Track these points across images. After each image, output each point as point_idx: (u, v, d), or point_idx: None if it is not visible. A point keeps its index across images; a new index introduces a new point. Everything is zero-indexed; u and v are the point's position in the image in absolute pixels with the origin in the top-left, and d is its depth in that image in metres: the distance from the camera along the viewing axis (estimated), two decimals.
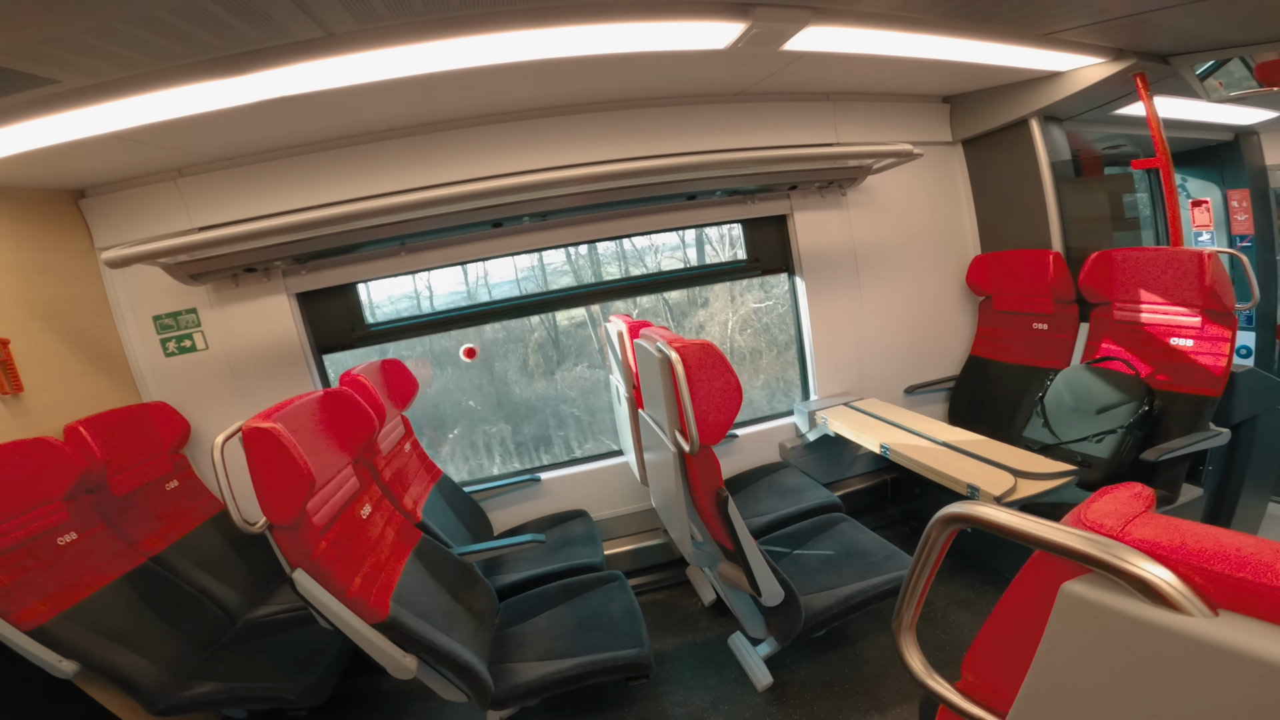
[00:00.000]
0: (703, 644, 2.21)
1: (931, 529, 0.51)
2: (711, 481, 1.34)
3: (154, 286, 2.05)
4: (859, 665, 2.00)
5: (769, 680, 1.89)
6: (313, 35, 1.26)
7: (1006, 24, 1.74)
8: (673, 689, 2.02)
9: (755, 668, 1.93)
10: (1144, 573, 0.34)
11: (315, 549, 1.34)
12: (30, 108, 1.28)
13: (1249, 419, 2.02)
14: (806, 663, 2.02)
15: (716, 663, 2.11)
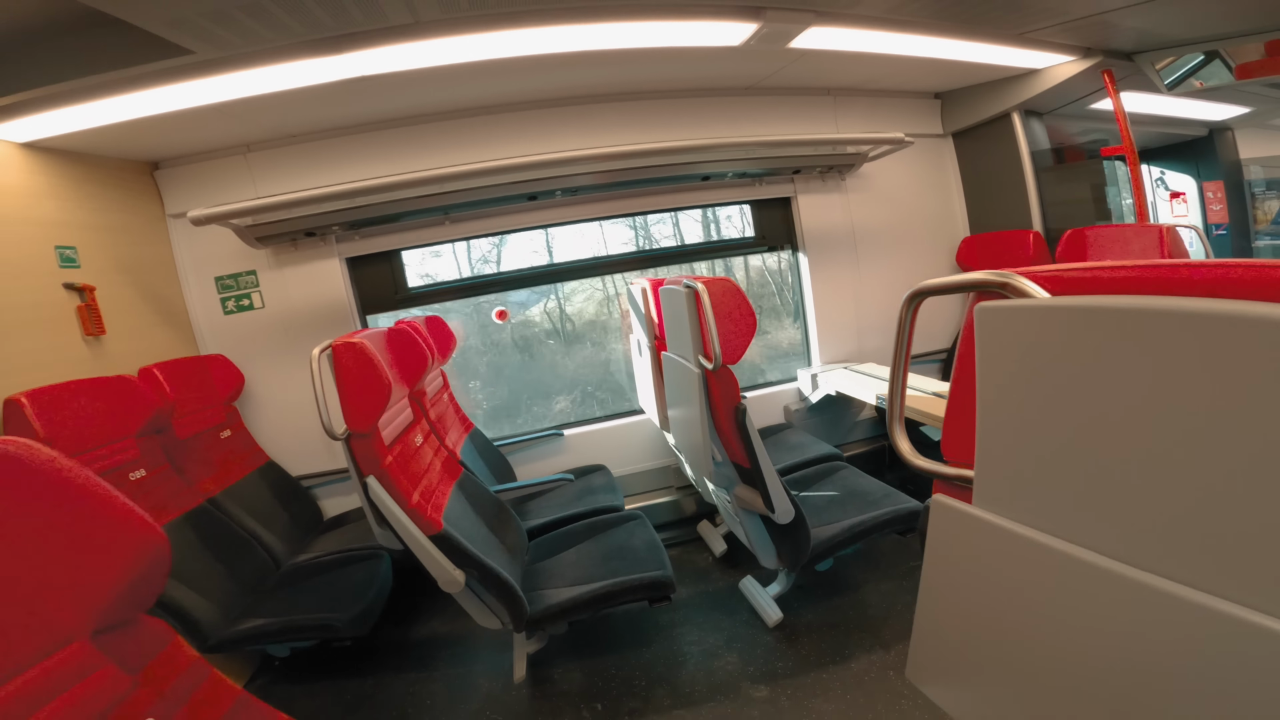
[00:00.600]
0: (714, 592, 2.46)
1: (901, 309, 0.78)
2: (731, 398, 1.62)
3: (217, 250, 2.35)
4: (862, 608, 2.24)
5: (779, 615, 2.13)
6: (403, 21, 1.57)
7: (986, 24, 2.08)
8: (687, 630, 2.25)
9: (766, 606, 2.18)
10: (1019, 283, 0.61)
11: (384, 460, 1.60)
12: (159, 77, 1.59)
13: None
14: (813, 607, 2.26)
15: (728, 608, 2.35)
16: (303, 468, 2.55)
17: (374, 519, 1.66)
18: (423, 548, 1.58)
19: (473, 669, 2.22)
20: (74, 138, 1.88)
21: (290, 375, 2.47)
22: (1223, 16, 2.03)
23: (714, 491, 2.17)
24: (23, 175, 1.83)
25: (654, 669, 2.05)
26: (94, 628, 0.60)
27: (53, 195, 1.91)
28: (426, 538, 1.59)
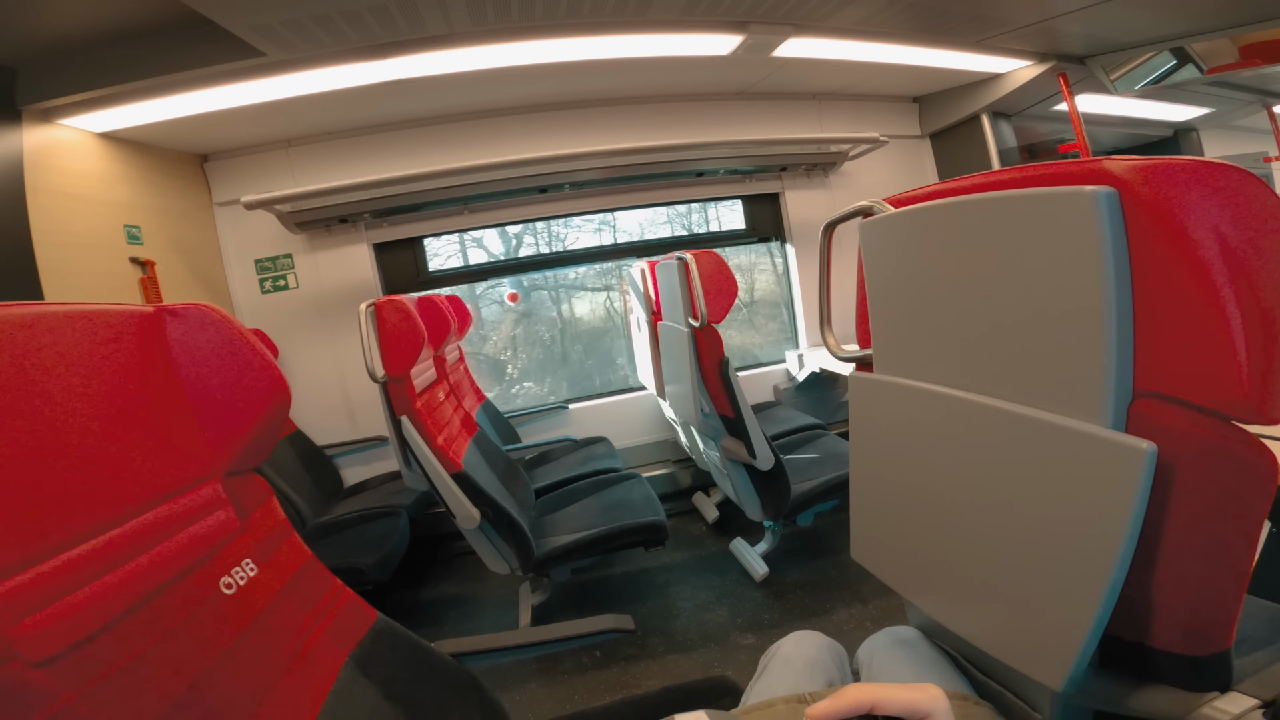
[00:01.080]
0: (707, 556, 2.73)
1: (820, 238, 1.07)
2: (716, 353, 1.93)
3: (257, 235, 2.68)
4: (843, 569, 2.51)
5: (765, 570, 2.40)
6: (440, 31, 1.91)
7: (948, 34, 2.43)
8: (681, 588, 2.52)
9: (753, 562, 2.45)
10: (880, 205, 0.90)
11: (415, 403, 1.89)
12: (231, 76, 1.93)
13: None
14: (798, 568, 2.53)
15: (720, 569, 2.62)
16: (326, 438, 2.85)
17: (403, 460, 1.94)
18: (445, 484, 1.87)
19: (479, 624, 2.48)
20: (140, 130, 2.23)
21: (319, 351, 2.78)
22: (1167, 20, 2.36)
23: (704, 453, 2.46)
24: (100, 161, 2.17)
25: (650, 621, 2.30)
26: (226, 470, 0.88)
27: (122, 180, 2.25)
28: (449, 475, 1.88)
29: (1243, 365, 0.50)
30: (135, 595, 0.62)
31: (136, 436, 0.70)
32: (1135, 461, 0.54)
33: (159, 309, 0.77)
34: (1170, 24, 2.32)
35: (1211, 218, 0.51)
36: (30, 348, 0.60)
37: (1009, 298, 0.68)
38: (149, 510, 0.69)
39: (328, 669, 0.84)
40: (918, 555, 0.94)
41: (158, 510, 0.70)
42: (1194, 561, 0.62)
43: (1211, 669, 0.67)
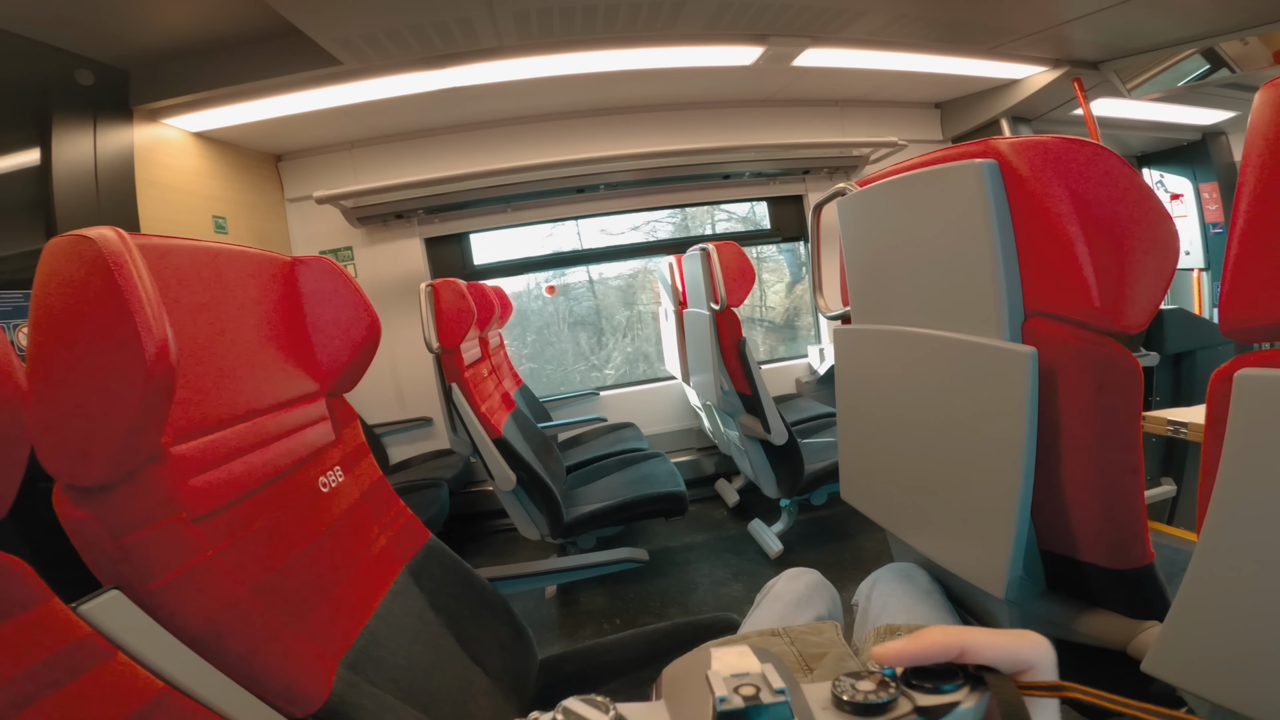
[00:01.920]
0: (726, 538, 2.89)
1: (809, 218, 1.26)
2: (734, 334, 2.12)
3: (322, 230, 2.98)
4: (858, 552, 2.64)
5: (780, 548, 2.56)
6: (490, 44, 2.16)
7: (960, 42, 2.58)
8: (700, 566, 2.69)
9: (769, 540, 2.61)
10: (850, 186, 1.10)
11: (463, 373, 2.12)
12: (312, 82, 2.21)
13: (1188, 353, 2.68)
14: (814, 549, 2.68)
15: (738, 550, 2.78)
16: (376, 418, 3.12)
17: (450, 425, 2.18)
18: (487, 447, 2.09)
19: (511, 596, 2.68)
20: (228, 131, 2.53)
21: None
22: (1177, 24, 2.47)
23: (724, 432, 2.64)
24: (194, 158, 2.48)
25: (669, 594, 2.45)
26: (329, 390, 1.12)
27: (212, 175, 2.56)
28: (490, 440, 2.10)
29: (1091, 285, 0.69)
30: (267, 474, 0.83)
31: (277, 350, 0.94)
32: (1021, 362, 0.72)
33: (294, 259, 1.02)
34: (1180, 28, 2.42)
35: (1062, 179, 0.70)
36: (218, 271, 0.83)
37: (933, 249, 0.87)
38: (281, 410, 0.91)
39: (388, 572, 1.02)
40: (891, 485, 1.11)
41: (286, 411, 0.93)
42: (1090, 459, 0.77)
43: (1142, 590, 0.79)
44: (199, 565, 0.66)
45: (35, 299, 0.58)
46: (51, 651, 0.48)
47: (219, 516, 0.73)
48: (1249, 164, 0.55)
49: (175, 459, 0.70)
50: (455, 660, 1.05)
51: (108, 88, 2.12)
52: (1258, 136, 0.54)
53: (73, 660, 0.49)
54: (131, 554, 0.60)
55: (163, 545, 0.63)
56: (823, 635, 0.83)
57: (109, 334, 0.56)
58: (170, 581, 0.62)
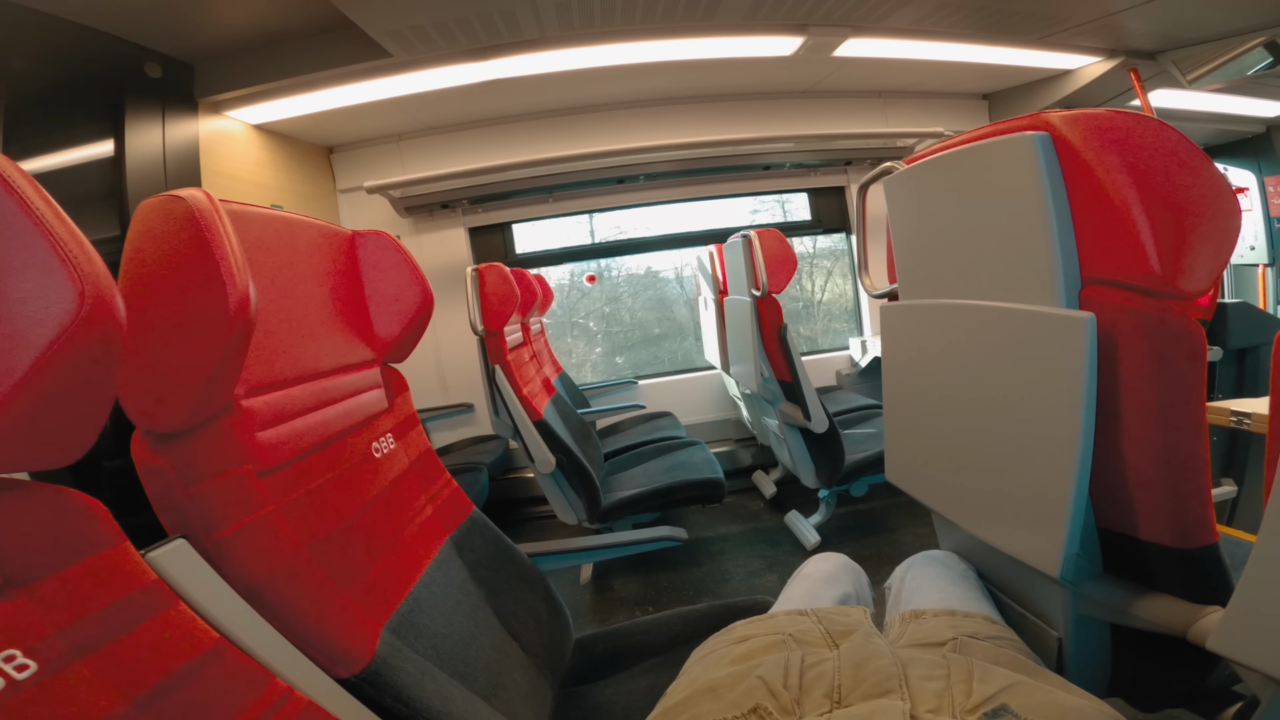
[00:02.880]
0: (762, 530, 2.87)
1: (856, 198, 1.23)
2: (776, 320, 2.10)
3: (371, 219, 3.06)
4: (896, 545, 2.58)
5: (817, 540, 2.52)
6: (533, 36, 2.19)
7: (1008, 32, 2.49)
8: (735, 557, 2.67)
9: (806, 532, 2.57)
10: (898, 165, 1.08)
11: (505, 356, 2.14)
12: (363, 74, 2.28)
13: (1252, 348, 2.55)
14: (852, 542, 2.63)
15: (773, 541, 2.75)
16: (419, 403, 3.13)
17: (492, 407, 2.22)
18: (528, 428, 2.11)
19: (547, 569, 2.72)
20: (284, 123, 2.62)
21: None
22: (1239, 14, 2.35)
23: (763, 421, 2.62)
24: (254, 149, 2.58)
25: (702, 583, 2.44)
26: (383, 359, 1.15)
27: (270, 166, 2.65)
28: (531, 422, 2.13)
29: (1150, 250, 0.67)
30: (326, 434, 0.86)
31: (338, 317, 0.96)
32: (1079, 328, 0.70)
33: (354, 233, 1.05)
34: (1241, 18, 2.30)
35: (1116, 148, 0.68)
36: (290, 238, 0.87)
37: (984, 221, 0.85)
38: (340, 374, 0.95)
39: (433, 541, 1.04)
40: (937, 463, 1.08)
41: (344, 375, 0.96)
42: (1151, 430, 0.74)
43: (1204, 572, 0.76)
44: (261, 518, 0.68)
45: (127, 253, 0.61)
46: (119, 596, 0.49)
47: (281, 472, 0.75)
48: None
49: (245, 412, 0.72)
50: (492, 632, 1.06)
51: (174, 80, 2.21)
52: None
53: (137, 607, 0.50)
54: (200, 502, 0.63)
55: (229, 496, 0.66)
56: (850, 617, 0.82)
57: (195, 284, 0.59)
58: (233, 533, 0.65)
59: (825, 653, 0.71)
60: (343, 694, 0.67)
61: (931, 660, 0.66)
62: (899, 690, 0.60)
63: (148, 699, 0.47)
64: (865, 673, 0.63)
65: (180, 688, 0.50)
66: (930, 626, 0.85)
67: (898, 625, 0.91)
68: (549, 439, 2.12)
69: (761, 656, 0.73)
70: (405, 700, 0.73)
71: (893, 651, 0.69)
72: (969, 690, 0.60)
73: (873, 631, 0.78)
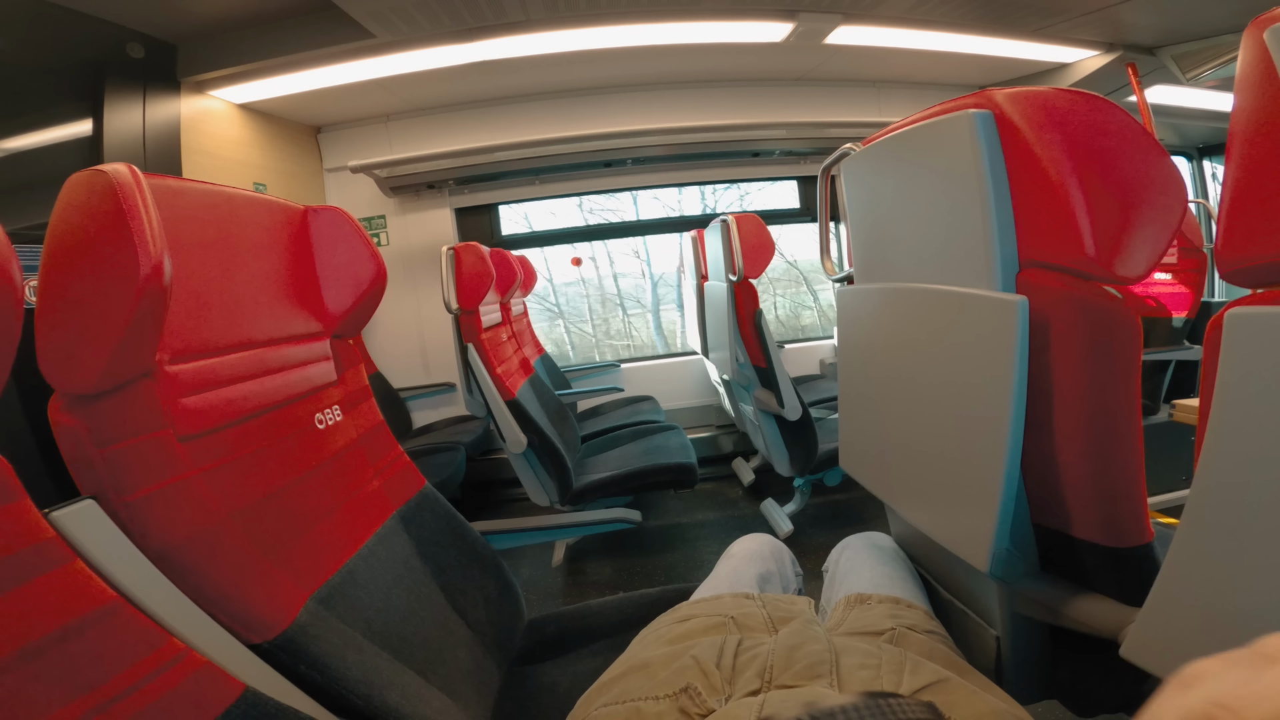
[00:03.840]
0: (740, 517, 2.87)
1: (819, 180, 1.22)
2: (751, 305, 2.09)
3: (357, 198, 3.05)
4: None
5: (789, 528, 2.52)
6: (518, 18, 2.16)
7: (1003, 23, 2.45)
8: (709, 543, 2.67)
9: (780, 520, 2.57)
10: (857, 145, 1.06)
11: (479, 335, 2.13)
12: (347, 55, 2.25)
13: None
14: (825, 533, 2.62)
15: (748, 529, 2.67)
16: (401, 381, 3.19)
17: (465, 386, 2.21)
18: (500, 409, 2.10)
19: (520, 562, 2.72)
20: (270, 102, 2.60)
21: (402, 302, 3.14)
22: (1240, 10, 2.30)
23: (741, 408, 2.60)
24: (237, 128, 2.56)
25: (675, 569, 2.44)
26: (333, 332, 1.14)
27: (254, 145, 2.64)
28: (504, 402, 2.12)
29: (1084, 232, 0.65)
30: (260, 404, 0.85)
31: (283, 290, 0.96)
32: (1010, 311, 0.68)
33: (306, 208, 1.05)
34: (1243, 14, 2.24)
35: (1057, 127, 0.67)
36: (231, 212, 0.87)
37: (931, 202, 0.83)
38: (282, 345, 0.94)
39: (377, 515, 1.04)
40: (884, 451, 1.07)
41: (288, 346, 0.95)
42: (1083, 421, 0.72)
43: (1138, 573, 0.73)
44: (179, 483, 0.68)
45: (51, 223, 0.62)
46: (8, 551, 0.49)
47: (207, 438, 0.75)
48: (1241, 106, 0.52)
49: (169, 377, 0.72)
50: (436, 608, 1.06)
51: (157, 61, 2.20)
52: (1245, 78, 0.51)
53: (29, 562, 0.50)
54: (112, 463, 0.63)
55: (145, 459, 0.66)
56: (795, 605, 0.83)
57: (109, 252, 0.60)
58: (147, 495, 0.65)
59: (764, 637, 0.72)
60: (252, 658, 0.67)
61: (865, 649, 0.67)
62: (829, 676, 0.61)
63: (33, 650, 0.48)
64: (798, 656, 0.64)
65: (67, 641, 0.50)
66: (873, 614, 0.86)
67: (841, 608, 0.92)
68: (521, 419, 2.11)
69: (700, 637, 0.74)
70: (321, 668, 0.73)
71: (829, 638, 0.70)
72: (898, 682, 0.61)
73: (813, 619, 0.79)
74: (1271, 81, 0.49)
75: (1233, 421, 0.51)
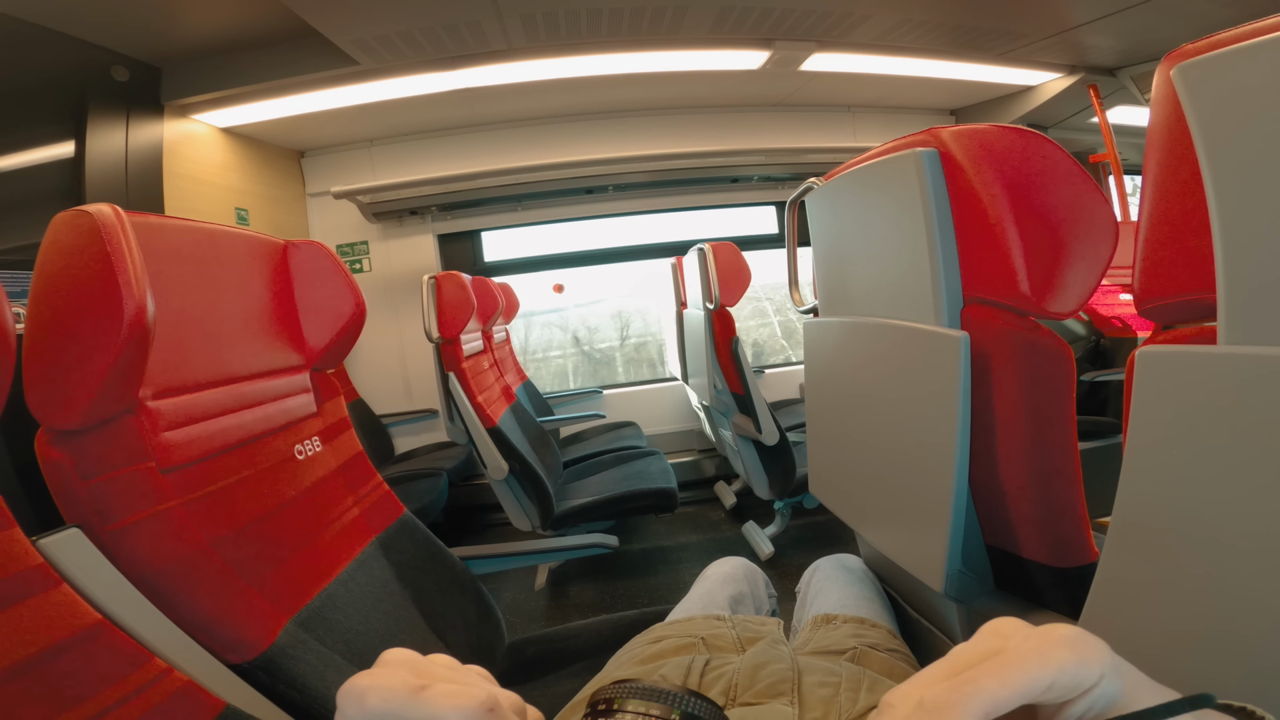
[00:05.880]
0: (722, 539, 2.89)
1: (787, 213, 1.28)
2: (728, 333, 2.14)
3: (340, 224, 3.10)
4: None
5: (770, 550, 2.56)
6: (500, 46, 2.24)
7: (970, 48, 2.57)
8: (692, 565, 2.69)
9: (761, 542, 2.61)
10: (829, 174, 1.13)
11: (460, 364, 2.17)
12: (331, 81, 2.31)
13: None
14: (804, 554, 2.66)
15: (730, 551, 2.66)
16: (383, 408, 3.21)
17: (446, 414, 2.24)
18: (481, 436, 2.13)
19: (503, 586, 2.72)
20: (253, 127, 2.65)
21: (384, 328, 3.17)
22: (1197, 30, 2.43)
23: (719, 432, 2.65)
24: (220, 152, 2.61)
25: (657, 591, 2.45)
26: (313, 365, 1.18)
27: (236, 169, 2.68)
28: (484, 429, 2.15)
29: (1019, 270, 0.71)
30: (241, 436, 0.89)
31: (263, 324, 1.00)
32: (953, 347, 0.74)
33: (287, 242, 1.09)
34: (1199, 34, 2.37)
35: (996, 166, 0.72)
36: (212, 249, 0.91)
37: (883, 237, 0.89)
38: (261, 378, 0.98)
39: (356, 541, 1.07)
40: (849, 478, 1.12)
41: (268, 379, 0.99)
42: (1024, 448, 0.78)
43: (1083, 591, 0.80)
44: (160, 513, 0.71)
45: (38, 263, 0.66)
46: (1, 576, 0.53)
47: (188, 470, 0.78)
48: (1152, 142, 0.56)
49: (150, 413, 0.76)
50: (416, 632, 1.08)
51: (141, 84, 2.24)
52: (1156, 117, 0.55)
53: (17, 587, 0.54)
54: (96, 495, 0.66)
55: (127, 490, 0.69)
56: (764, 626, 0.86)
57: (94, 292, 0.64)
58: (130, 524, 0.68)
59: (732, 657, 0.75)
60: (232, 678, 0.71)
61: (826, 668, 0.70)
62: (790, 694, 0.64)
63: (17, 669, 0.51)
64: (762, 675, 0.67)
65: (53, 661, 0.54)
66: (838, 634, 0.89)
67: (809, 628, 0.95)
68: (502, 446, 2.14)
69: (670, 657, 0.77)
70: (300, 688, 0.76)
71: (793, 658, 0.73)
72: (855, 699, 0.64)
73: (779, 639, 0.82)
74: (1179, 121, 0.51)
75: (1144, 451, 0.55)
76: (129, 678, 0.59)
